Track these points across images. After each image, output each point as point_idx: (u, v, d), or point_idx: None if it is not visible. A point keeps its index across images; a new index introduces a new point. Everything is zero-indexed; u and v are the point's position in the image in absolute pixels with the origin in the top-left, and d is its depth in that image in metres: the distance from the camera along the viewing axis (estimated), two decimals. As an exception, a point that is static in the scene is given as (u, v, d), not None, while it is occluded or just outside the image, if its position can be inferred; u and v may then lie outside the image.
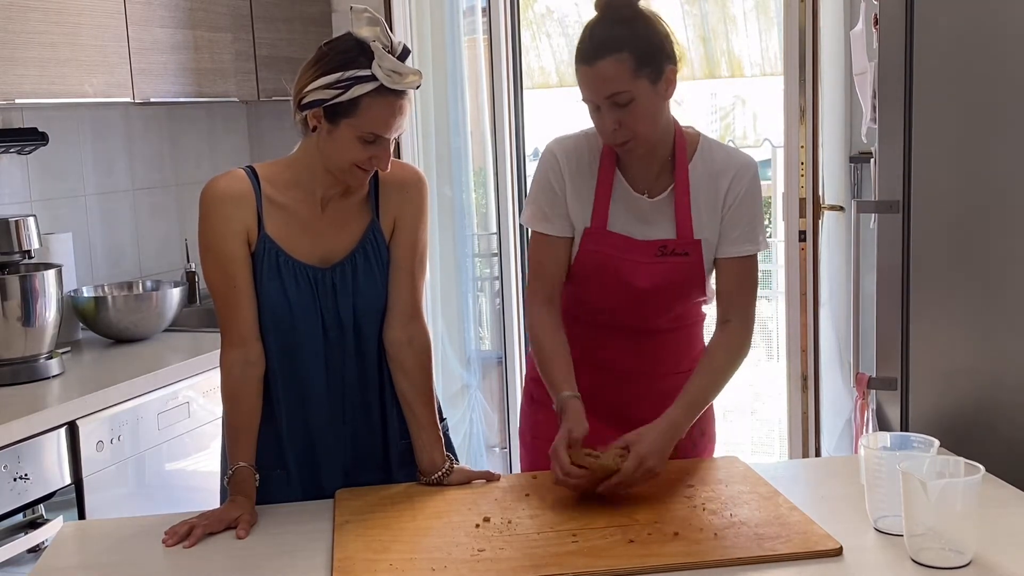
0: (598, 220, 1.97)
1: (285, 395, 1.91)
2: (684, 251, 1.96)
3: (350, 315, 1.90)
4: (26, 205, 3.08)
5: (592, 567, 1.55)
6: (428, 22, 3.85)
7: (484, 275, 4.20)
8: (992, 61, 2.06)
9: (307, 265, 1.87)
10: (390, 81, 1.77)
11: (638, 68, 1.82)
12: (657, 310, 2.01)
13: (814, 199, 3.25)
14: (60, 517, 2.36)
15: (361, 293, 1.89)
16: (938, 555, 1.53)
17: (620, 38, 1.82)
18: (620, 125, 1.85)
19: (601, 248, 1.98)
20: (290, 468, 1.93)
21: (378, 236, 1.91)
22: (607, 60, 1.81)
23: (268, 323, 1.88)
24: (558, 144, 2.02)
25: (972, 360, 2.13)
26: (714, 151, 1.99)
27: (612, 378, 2.01)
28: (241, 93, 3.47)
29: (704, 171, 1.97)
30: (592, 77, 1.84)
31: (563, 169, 1.99)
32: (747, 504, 1.76)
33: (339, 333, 1.90)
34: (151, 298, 3.04)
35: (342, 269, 1.89)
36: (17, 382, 2.56)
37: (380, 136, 1.79)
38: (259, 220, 1.85)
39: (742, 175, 1.97)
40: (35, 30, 2.67)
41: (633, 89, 1.83)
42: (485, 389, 4.13)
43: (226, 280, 1.85)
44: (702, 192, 1.97)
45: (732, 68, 7.05)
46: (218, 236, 1.84)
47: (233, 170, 1.89)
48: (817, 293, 3.31)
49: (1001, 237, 2.09)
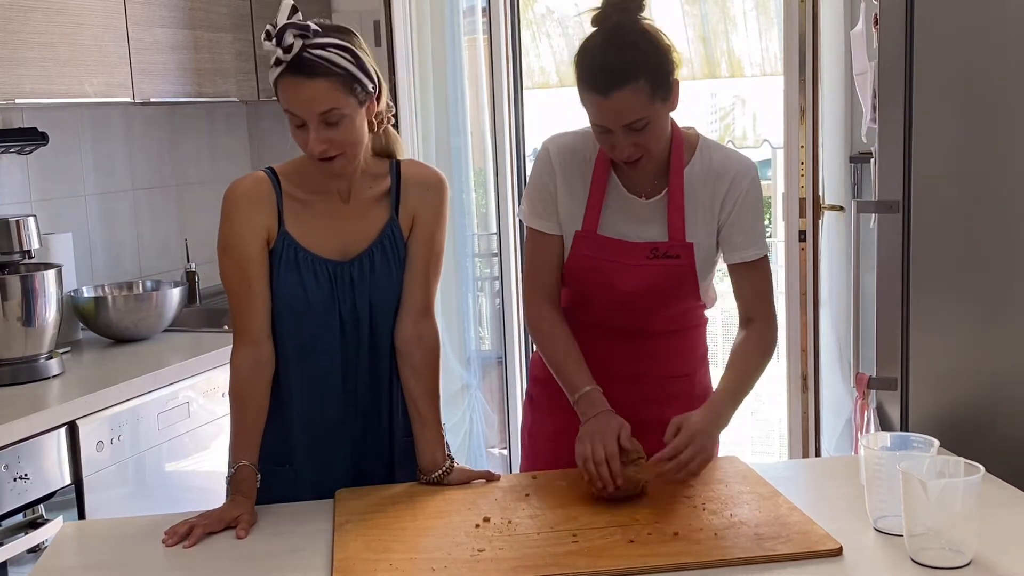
0: (589, 223, 1.97)
1: (300, 389, 1.92)
2: (676, 254, 1.95)
3: (366, 309, 1.92)
4: (26, 205, 3.08)
5: (592, 567, 1.55)
6: (428, 22, 3.86)
7: (484, 275, 4.20)
8: (992, 61, 2.06)
9: (326, 259, 1.90)
10: (274, 60, 1.80)
11: (653, 93, 1.79)
12: (648, 313, 2.00)
13: (814, 199, 3.25)
14: (60, 517, 2.36)
15: (378, 288, 1.92)
16: (938, 555, 1.53)
17: (633, 64, 1.77)
18: (635, 146, 1.84)
19: (591, 252, 1.97)
20: (299, 465, 1.94)
21: (396, 232, 1.93)
22: (624, 91, 1.77)
23: (286, 317, 1.90)
24: (554, 142, 2.01)
25: (972, 360, 2.13)
26: (712, 153, 1.97)
27: (615, 380, 1.99)
28: (241, 93, 3.47)
29: (701, 173, 1.95)
30: (608, 109, 1.79)
31: (556, 167, 1.98)
32: (747, 504, 1.76)
33: (355, 327, 1.92)
34: (151, 298, 3.04)
35: (360, 263, 1.91)
36: (17, 382, 2.56)
37: (301, 116, 1.79)
38: (280, 219, 1.89)
39: (741, 178, 1.95)
40: (35, 30, 2.67)
41: (650, 114, 1.80)
42: (485, 389, 4.14)
43: (242, 280, 1.88)
44: (698, 194, 1.95)
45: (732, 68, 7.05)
46: (237, 236, 1.87)
47: (255, 172, 1.94)
48: (817, 293, 3.31)
49: (1001, 237, 2.09)
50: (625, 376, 2.02)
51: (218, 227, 1.90)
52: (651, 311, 2.00)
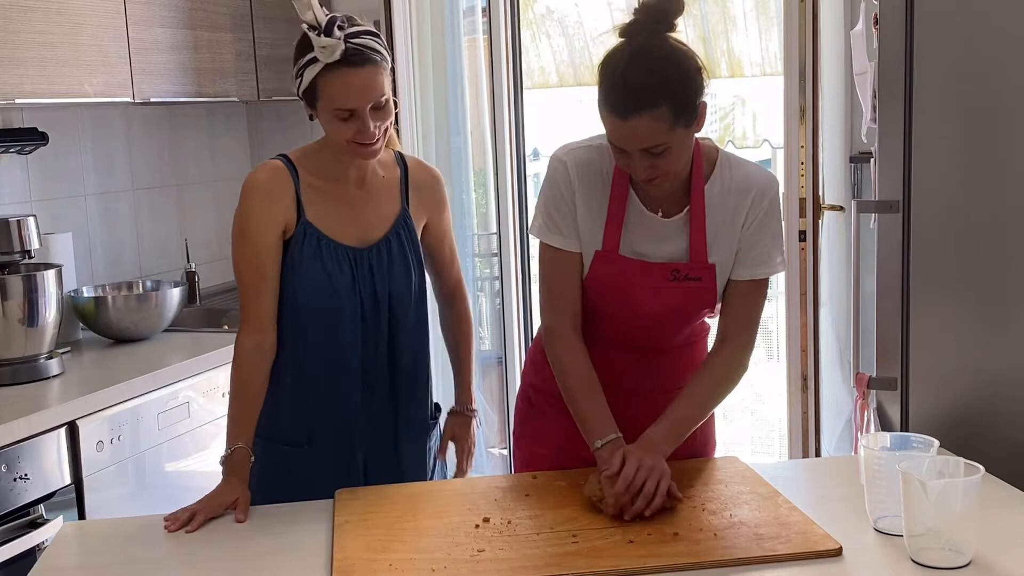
0: (610, 242, 1.88)
1: (324, 374, 1.98)
2: (697, 276, 1.88)
3: (386, 295, 1.99)
4: (26, 205, 3.08)
5: (592, 567, 1.55)
6: (428, 22, 3.85)
7: (484, 275, 4.20)
8: (992, 61, 2.06)
9: (346, 246, 1.96)
10: (324, 56, 1.83)
11: (675, 119, 1.71)
12: (668, 332, 1.97)
13: (814, 199, 3.25)
14: (60, 517, 2.36)
15: (395, 274, 1.99)
16: (938, 555, 1.53)
17: (656, 89, 1.69)
18: (652, 168, 1.76)
19: (612, 273, 1.89)
20: (318, 445, 2.00)
21: (408, 222, 2.03)
22: (642, 117, 1.69)
23: (311, 303, 1.95)
24: (569, 154, 1.91)
25: (972, 360, 2.13)
26: (733, 169, 1.89)
27: (626, 395, 1.95)
28: (241, 93, 3.47)
29: (722, 190, 1.88)
30: (626, 132, 1.72)
31: (575, 181, 1.89)
32: (747, 504, 1.76)
33: (375, 314, 1.99)
34: (151, 298, 3.04)
35: (378, 249, 1.99)
36: (17, 382, 2.56)
37: (350, 109, 1.85)
38: (299, 208, 1.93)
39: (762, 196, 1.88)
40: (35, 30, 2.67)
41: (670, 139, 1.73)
42: (485, 389, 4.13)
43: (256, 268, 1.93)
44: (719, 212, 1.88)
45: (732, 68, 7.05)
46: (255, 225, 1.92)
47: (272, 161, 1.98)
48: (817, 293, 3.31)
49: (1001, 237, 2.09)
50: (637, 390, 1.98)
51: (234, 215, 1.96)
52: (669, 331, 1.97)
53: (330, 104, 1.85)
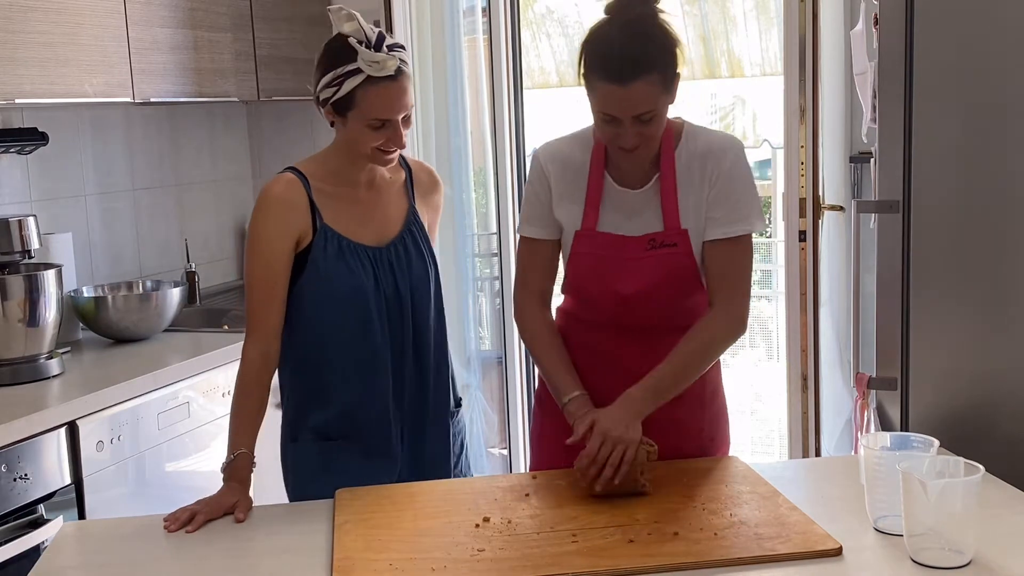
0: (587, 221, 1.98)
1: (356, 372, 2.02)
2: (672, 242, 1.95)
3: (407, 290, 2.05)
4: (26, 205, 3.08)
5: (592, 567, 1.55)
6: (428, 22, 3.85)
7: (484, 275, 4.20)
8: (992, 61, 2.06)
9: (366, 246, 2.02)
10: (373, 70, 1.90)
11: (665, 87, 1.83)
12: (654, 308, 1.99)
13: (814, 199, 3.25)
14: (60, 517, 2.36)
15: (413, 271, 2.07)
16: (938, 555, 1.53)
17: (651, 57, 1.80)
18: (639, 136, 1.86)
19: (591, 250, 1.98)
20: (356, 438, 2.04)
21: (418, 219, 2.11)
22: (640, 82, 1.79)
23: (343, 303, 1.99)
24: (544, 150, 2.04)
25: (972, 360, 2.13)
26: (697, 136, 1.98)
27: (625, 380, 1.96)
28: (241, 93, 3.47)
29: (688, 157, 1.96)
30: (623, 98, 1.81)
31: (549, 175, 2.00)
32: (747, 504, 1.76)
33: (399, 310, 2.04)
34: (151, 298, 3.04)
35: (395, 248, 2.05)
36: (17, 382, 2.56)
37: (385, 120, 1.93)
38: (314, 216, 1.98)
39: (723, 154, 1.95)
40: (35, 30, 2.67)
41: (659, 106, 1.84)
42: (485, 389, 4.13)
43: (268, 278, 1.97)
44: (686, 178, 1.95)
45: (732, 68, 7.05)
46: (269, 236, 1.97)
47: (285, 175, 2.02)
48: (817, 293, 3.31)
49: (1001, 237, 2.09)
50: (636, 375, 1.99)
51: (249, 224, 2.01)
52: (656, 306, 1.99)
53: (368, 114, 1.92)
